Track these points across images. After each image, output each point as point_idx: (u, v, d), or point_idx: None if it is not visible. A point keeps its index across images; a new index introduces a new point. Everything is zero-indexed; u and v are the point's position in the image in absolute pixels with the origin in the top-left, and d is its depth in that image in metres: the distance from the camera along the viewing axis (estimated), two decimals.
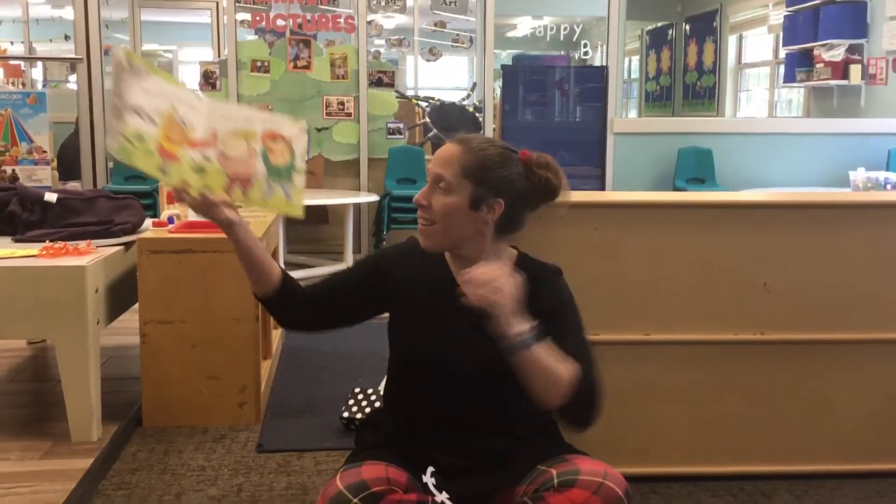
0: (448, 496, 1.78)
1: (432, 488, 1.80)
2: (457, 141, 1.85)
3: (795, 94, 9.26)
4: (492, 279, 1.62)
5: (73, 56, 6.27)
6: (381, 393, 2.78)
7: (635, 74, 12.89)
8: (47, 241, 2.82)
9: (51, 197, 3.08)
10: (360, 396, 2.81)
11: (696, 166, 6.54)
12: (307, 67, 6.26)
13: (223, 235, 1.82)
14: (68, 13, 7.27)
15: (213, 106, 1.79)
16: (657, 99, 11.92)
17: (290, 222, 6.22)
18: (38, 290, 2.56)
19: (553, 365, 1.70)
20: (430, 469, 1.83)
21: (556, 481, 1.73)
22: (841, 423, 2.41)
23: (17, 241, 2.97)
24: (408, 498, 1.73)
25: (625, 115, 10.79)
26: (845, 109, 7.47)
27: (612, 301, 2.32)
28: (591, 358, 1.82)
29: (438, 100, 8.07)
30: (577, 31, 7.62)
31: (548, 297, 1.84)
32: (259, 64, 6.22)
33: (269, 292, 1.86)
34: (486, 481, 1.86)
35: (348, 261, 5.99)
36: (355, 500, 1.70)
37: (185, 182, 1.72)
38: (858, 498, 2.28)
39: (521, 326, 1.65)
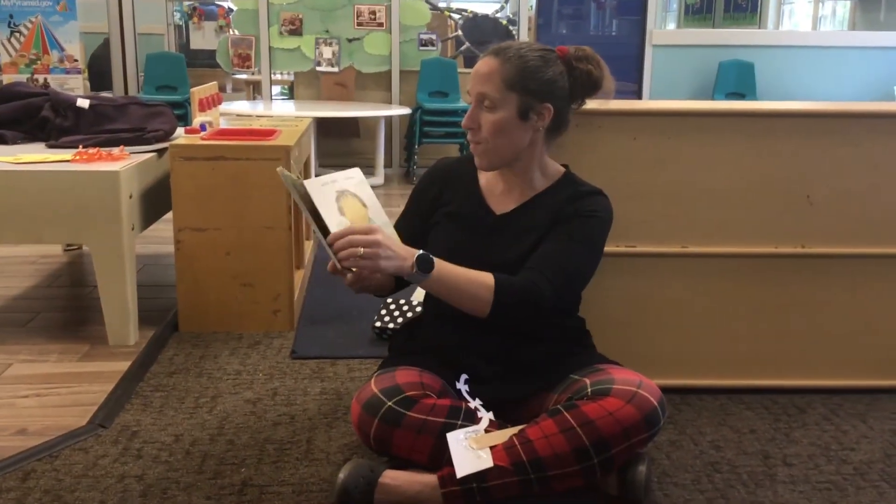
0: (481, 402, 1.79)
1: (465, 395, 1.81)
2: (493, 53, 1.81)
3: (840, 8, 8.94)
4: (361, 245, 1.61)
5: None
6: (414, 303, 2.80)
7: None
8: (80, 147, 2.81)
9: (83, 102, 3.06)
10: (393, 307, 2.81)
11: (737, 80, 6.37)
12: None
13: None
14: None
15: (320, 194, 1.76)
16: (697, 12, 11.54)
17: (321, 135, 6.18)
18: (72, 194, 2.56)
19: (464, 283, 1.72)
20: (464, 376, 1.84)
21: (589, 390, 1.73)
22: (879, 338, 2.38)
23: (50, 146, 2.97)
24: (441, 403, 1.74)
25: (663, 28, 10.48)
26: (893, 23, 7.20)
27: (649, 212, 2.28)
28: (563, 273, 1.78)
29: (471, 12, 7.89)
30: None
31: (576, 206, 1.84)
32: None
33: (391, 290, 1.96)
34: (519, 388, 1.87)
35: (379, 174, 5.96)
36: (390, 404, 1.72)
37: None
38: (895, 412, 2.27)
39: (407, 263, 1.66)
